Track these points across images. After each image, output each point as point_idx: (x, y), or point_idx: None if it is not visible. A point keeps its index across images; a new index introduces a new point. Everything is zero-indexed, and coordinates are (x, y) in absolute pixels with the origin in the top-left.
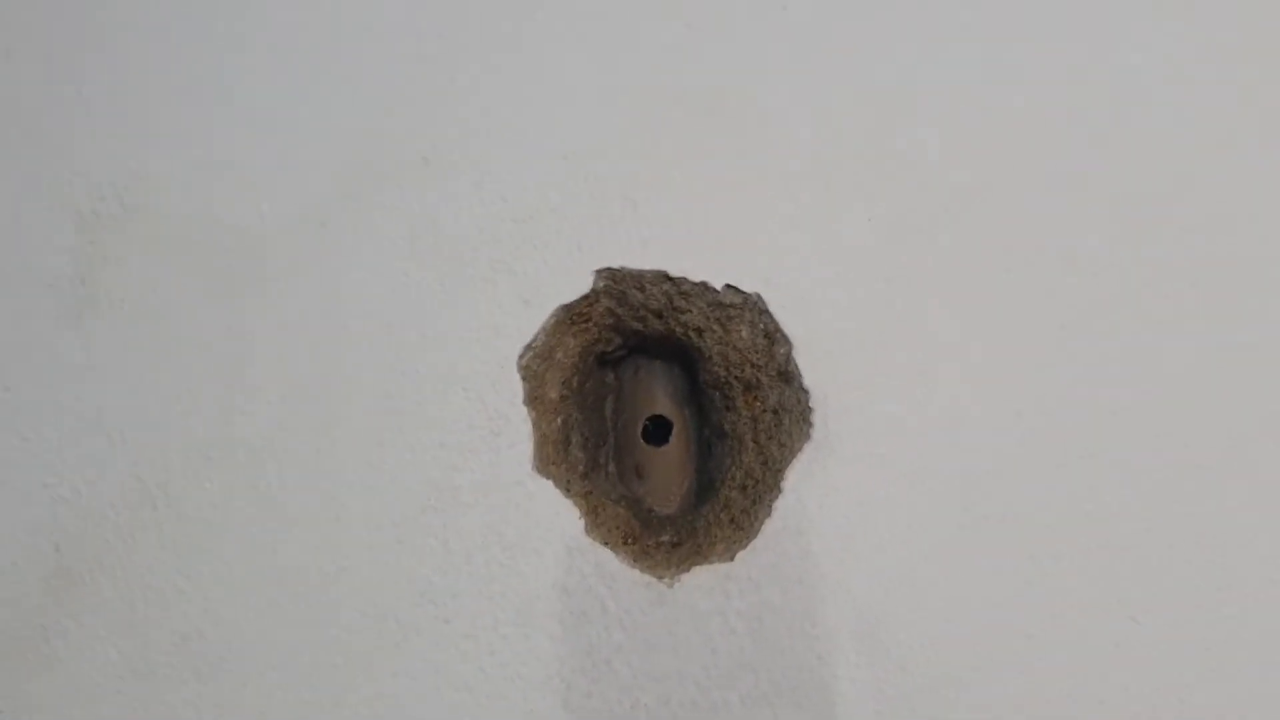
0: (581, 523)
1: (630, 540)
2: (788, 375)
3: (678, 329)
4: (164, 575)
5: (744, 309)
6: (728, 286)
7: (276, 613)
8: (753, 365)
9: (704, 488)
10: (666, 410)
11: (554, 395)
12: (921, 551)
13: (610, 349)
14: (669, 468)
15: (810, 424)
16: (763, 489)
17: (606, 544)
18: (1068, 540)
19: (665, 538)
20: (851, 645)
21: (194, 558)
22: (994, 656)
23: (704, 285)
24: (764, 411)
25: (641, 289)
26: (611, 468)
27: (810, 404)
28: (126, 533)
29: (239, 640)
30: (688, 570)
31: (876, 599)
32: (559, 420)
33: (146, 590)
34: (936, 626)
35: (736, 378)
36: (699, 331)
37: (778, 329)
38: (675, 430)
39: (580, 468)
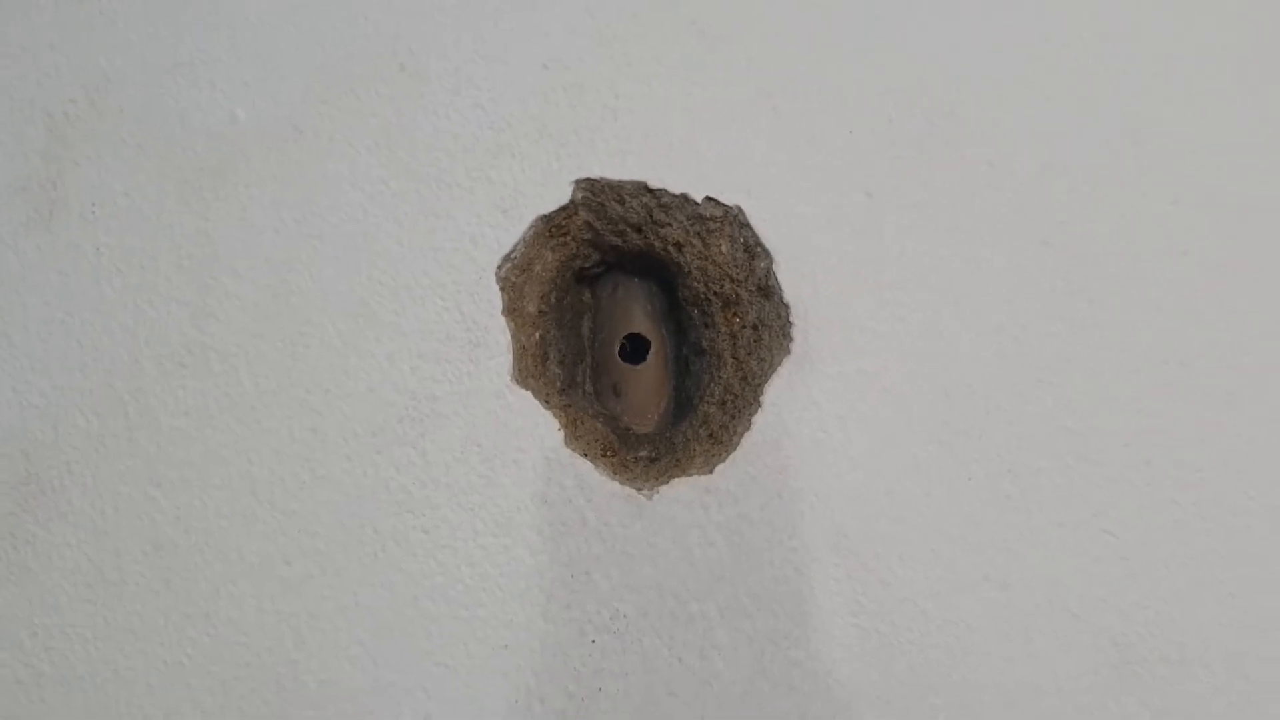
0: (561, 434)
1: (609, 453)
2: (768, 290)
3: (657, 243)
4: (135, 483)
5: (724, 222)
6: (708, 199)
7: (250, 522)
8: (732, 280)
9: (681, 406)
10: (644, 328)
11: (532, 309)
12: (901, 465)
13: (588, 265)
14: (646, 386)
15: (790, 339)
16: (741, 404)
17: (586, 456)
18: (1046, 455)
19: (644, 453)
20: (830, 558)
21: (166, 465)
22: (972, 571)
23: (684, 197)
24: (743, 328)
25: (621, 201)
26: (589, 386)
27: (790, 319)
28: (97, 440)
29: (211, 550)
30: (667, 483)
31: (855, 513)
32: (537, 335)
33: (117, 498)
34: (915, 540)
35: (716, 293)
36: (679, 246)
37: (758, 243)
38: (653, 348)
39: (558, 384)
